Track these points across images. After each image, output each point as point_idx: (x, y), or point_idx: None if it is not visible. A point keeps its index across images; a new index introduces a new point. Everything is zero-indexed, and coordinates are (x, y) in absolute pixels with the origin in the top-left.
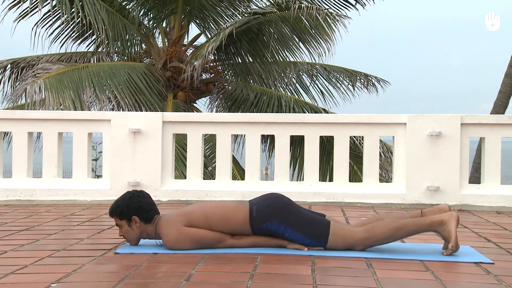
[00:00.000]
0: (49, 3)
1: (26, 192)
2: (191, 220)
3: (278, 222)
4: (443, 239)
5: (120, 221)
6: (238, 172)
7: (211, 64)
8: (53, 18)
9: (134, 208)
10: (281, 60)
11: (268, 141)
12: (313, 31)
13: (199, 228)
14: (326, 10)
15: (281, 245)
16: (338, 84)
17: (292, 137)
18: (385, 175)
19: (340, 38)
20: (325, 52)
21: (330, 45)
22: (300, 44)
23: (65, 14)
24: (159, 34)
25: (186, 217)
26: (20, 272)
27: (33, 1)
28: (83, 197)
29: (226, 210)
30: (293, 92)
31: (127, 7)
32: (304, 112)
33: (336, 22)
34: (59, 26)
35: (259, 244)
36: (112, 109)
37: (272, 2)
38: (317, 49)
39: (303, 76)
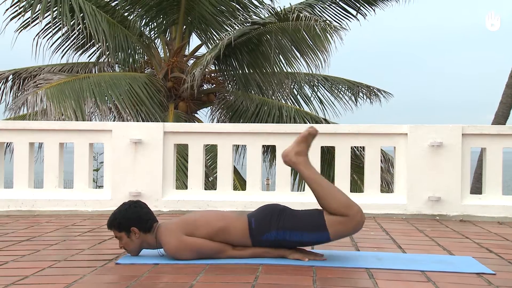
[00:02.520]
0: (50, 14)
1: (27, 202)
2: (192, 229)
3: (277, 231)
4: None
5: (119, 233)
6: (239, 182)
7: (212, 75)
8: (54, 29)
9: (132, 219)
10: (281, 71)
11: (269, 151)
12: (311, 42)
13: (199, 237)
14: (324, 22)
15: (282, 255)
16: (340, 95)
17: None
18: (385, 186)
19: (335, 49)
20: (321, 63)
21: (326, 56)
22: (299, 55)
23: (66, 25)
24: (160, 44)
25: (186, 226)
26: (21, 283)
27: (34, 12)
28: (84, 207)
29: (228, 221)
30: (294, 102)
31: (129, 18)
32: (305, 123)
33: (333, 33)
34: (60, 36)
35: (259, 255)
36: (113, 120)
37: (272, 12)
38: (314, 61)
39: (305, 87)
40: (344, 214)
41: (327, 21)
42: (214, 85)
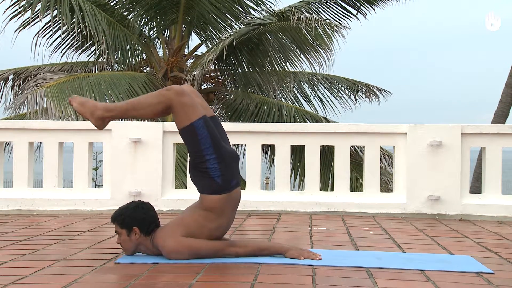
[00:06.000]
0: (49, 13)
1: (26, 202)
2: (188, 231)
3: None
4: None
5: (120, 229)
6: None
7: (212, 74)
8: (54, 28)
9: (137, 219)
10: (281, 70)
11: (269, 150)
12: (313, 42)
13: (196, 237)
14: (325, 21)
15: (280, 252)
16: (339, 94)
17: (292, 146)
18: (387, 183)
19: (339, 48)
20: (325, 62)
21: (329, 55)
22: (300, 54)
23: (66, 24)
24: (160, 44)
25: (182, 227)
26: (21, 282)
27: (34, 11)
28: (83, 206)
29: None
30: (294, 101)
31: (128, 17)
32: (305, 121)
33: (335, 33)
34: (60, 36)
35: (258, 253)
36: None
37: (272, 13)
38: (317, 59)
39: (304, 86)
40: (166, 107)
41: (328, 21)
42: (213, 84)
